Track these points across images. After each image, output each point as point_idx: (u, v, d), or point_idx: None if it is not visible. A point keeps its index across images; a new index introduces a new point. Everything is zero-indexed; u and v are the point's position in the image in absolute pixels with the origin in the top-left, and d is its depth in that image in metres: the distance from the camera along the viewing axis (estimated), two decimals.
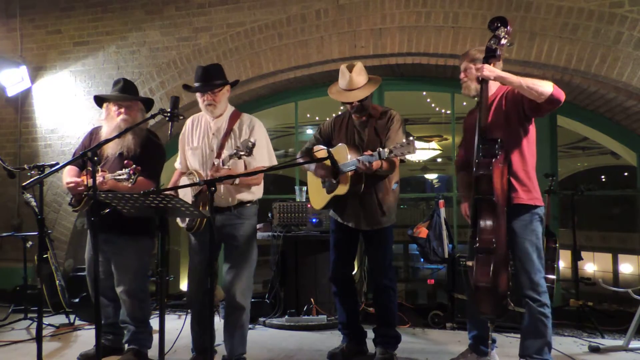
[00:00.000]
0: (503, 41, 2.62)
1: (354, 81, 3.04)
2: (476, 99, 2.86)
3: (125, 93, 3.20)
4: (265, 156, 3.03)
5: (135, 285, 3.12)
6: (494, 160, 2.56)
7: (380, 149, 2.71)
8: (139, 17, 5.31)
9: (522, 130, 2.73)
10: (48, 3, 5.63)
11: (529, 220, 2.71)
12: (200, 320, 3.05)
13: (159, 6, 5.25)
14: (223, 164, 2.79)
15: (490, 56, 2.64)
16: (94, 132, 3.32)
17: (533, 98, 2.52)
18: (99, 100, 3.31)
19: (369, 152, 2.80)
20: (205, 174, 2.94)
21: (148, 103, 3.32)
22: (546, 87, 2.48)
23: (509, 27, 2.63)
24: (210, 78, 2.94)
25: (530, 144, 2.75)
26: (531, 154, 2.76)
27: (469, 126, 2.94)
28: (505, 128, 2.70)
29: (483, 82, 2.65)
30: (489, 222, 2.55)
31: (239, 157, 2.73)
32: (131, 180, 2.72)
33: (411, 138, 2.67)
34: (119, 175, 2.77)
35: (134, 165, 2.73)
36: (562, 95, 2.50)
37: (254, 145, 2.68)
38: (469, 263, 2.69)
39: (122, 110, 3.15)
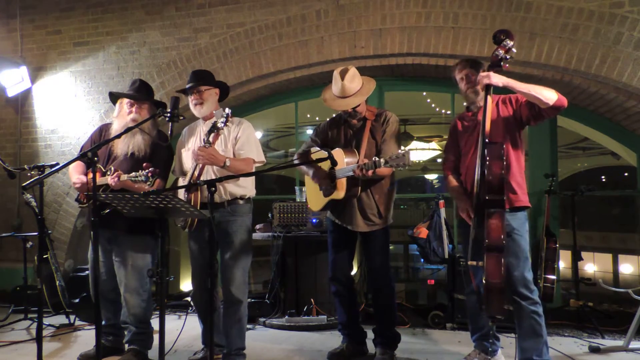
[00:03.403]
0: (509, 54, 2.70)
1: (347, 88, 3.04)
2: (470, 105, 3.00)
3: (139, 93, 3.22)
4: (253, 150, 3.11)
5: (137, 284, 3.13)
6: (503, 162, 2.63)
7: (376, 158, 2.73)
8: (139, 18, 5.31)
9: (518, 136, 2.85)
10: (48, 3, 5.63)
11: (524, 219, 2.82)
12: (204, 319, 3.14)
13: (159, 6, 5.25)
14: (204, 142, 2.89)
15: (496, 65, 2.72)
16: (104, 128, 3.34)
17: (538, 104, 2.63)
18: (113, 97, 3.36)
19: (365, 160, 2.84)
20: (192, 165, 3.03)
21: (160, 106, 3.31)
22: (551, 95, 2.59)
23: (514, 41, 2.71)
24: (198, 80, 3.12)
25: (523, 148, 2.90)
26: (523, 157, 2.91)
27: (461, 132, 3.01)
28: (504, 133, 2.81)
29: (487, 88, 2.71)
30: (497, 221, 2.59)
31: (218, 130, 2.86)
32: (149, 183, 2.75)
33: (406, 149, 2.67)
34: (136, 176, 2.78)
35: (152, 168, 2.75)
36: (565, 102, 2.61)
37: (228, 115, 2.82)
38: (473, 262, 2.68)
39: (133, 109, 3.18)
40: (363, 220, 3.11)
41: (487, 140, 2.68)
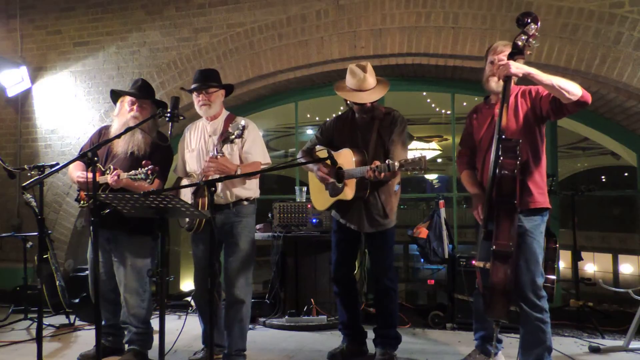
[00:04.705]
0: (532, 39, 2.50)
1: (368, 82, 3.01)
2: (489, 96, 2.83)
3: (140, 92, 3.22)
4: (259, 152, 3.11)
5: (136, 284, 3.13)
6: (517, 162, 2.48)
7: (390, 161, 2.69)
8: (139, 18, 5.31)
9: (537, 132, 2.67)
10: (48, 3, 5.63)
11: (540, 221, 2.66)
12: (205, 319, 3.12)
13: (159, 6, 5.25)
14: (217, 152, 2.88)
15: (516, 53, 2.52)
16: (103, 130, 3.34)
17: (560, 98, 2.43)
18: (115, 96, 3.36)
19: (377, 162, 2.78)
20: (201, 169, 3.00)
21: (161, 106, 3.30)
22: (575, 89, 2.39)
23: (539, 25, 2.51)
24: (206, 80, 3.09)
25: (543, 145, 2.70)
26: (544, 156, 2.71)
27: (477, 125, 2.87)
28: (522, 129, 2.64)
29: (507, 79, 2.51)
30: (507, 225, 2.48)
31: (232, 141, 2.84)
32: (149, 181, 2.77)
33: (423, 154, 2.63)
34: (135, 175, 2.78)
35: (151, 165, 2.75)
36: (589, 98, 2.43)
37: (244, 127, 2.80)
38: (480, 264, 2.62)
39: (135, 107, 3.17)
40: (369, 221, 3.09)
41: (502, 136, 2.52)
